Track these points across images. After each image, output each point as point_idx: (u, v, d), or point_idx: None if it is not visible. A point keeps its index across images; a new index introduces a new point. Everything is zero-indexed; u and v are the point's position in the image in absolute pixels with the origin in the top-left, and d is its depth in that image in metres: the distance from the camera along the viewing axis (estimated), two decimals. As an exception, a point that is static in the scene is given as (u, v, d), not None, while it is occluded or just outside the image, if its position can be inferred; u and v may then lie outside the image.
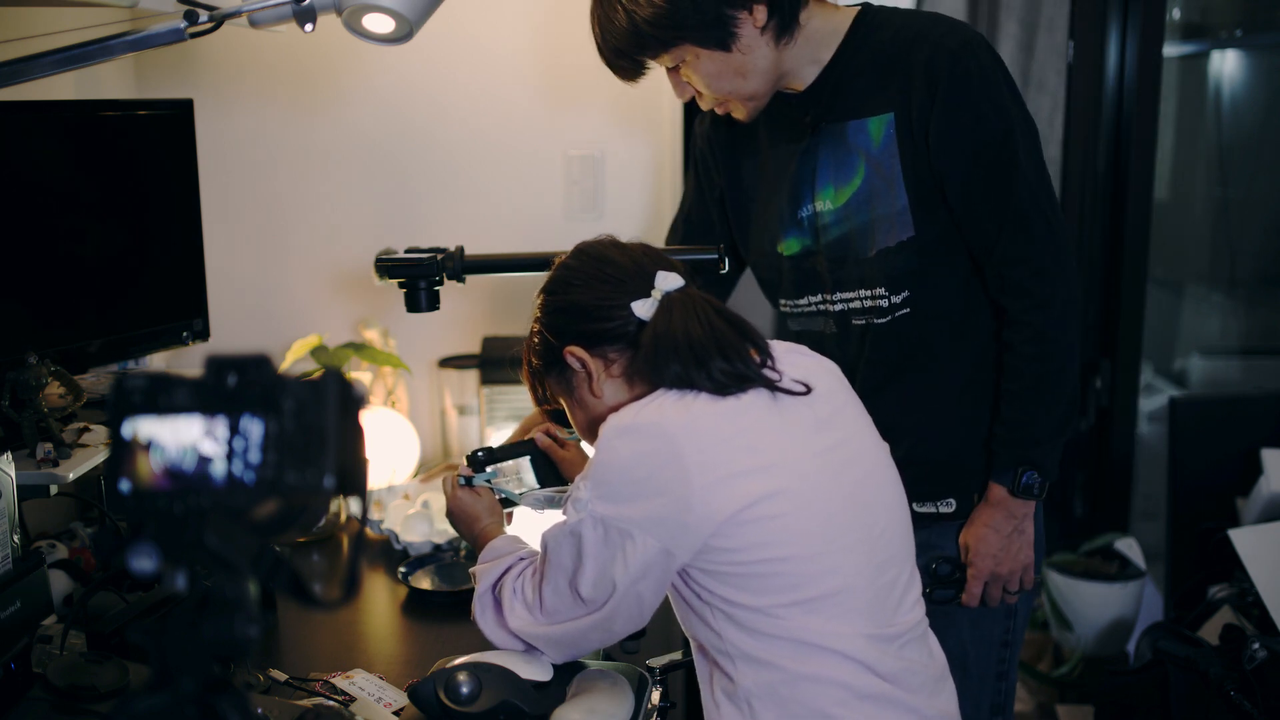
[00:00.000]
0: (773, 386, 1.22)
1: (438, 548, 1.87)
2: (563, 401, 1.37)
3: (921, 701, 1.23)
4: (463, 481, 1.50)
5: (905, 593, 1.27)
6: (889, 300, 1.53)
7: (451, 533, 1.85)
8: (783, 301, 1.67)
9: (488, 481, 1.51)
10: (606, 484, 1.18)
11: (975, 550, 1.55)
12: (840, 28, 1.53)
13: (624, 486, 1.18)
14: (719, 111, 1.58)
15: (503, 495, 1.51)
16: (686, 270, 1.32)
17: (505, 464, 1.56)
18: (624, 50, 1.49)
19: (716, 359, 1.20)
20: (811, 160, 1.56)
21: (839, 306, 1.58)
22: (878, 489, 1.28)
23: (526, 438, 1.62)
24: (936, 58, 1.45)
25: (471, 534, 1.46)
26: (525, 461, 1.59)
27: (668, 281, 1.28)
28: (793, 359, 1.31)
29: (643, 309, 1.27)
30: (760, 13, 1.45)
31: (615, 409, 1.23)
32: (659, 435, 1.17)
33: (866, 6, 1.56)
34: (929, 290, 1.52)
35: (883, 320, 1.54)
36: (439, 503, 1.98)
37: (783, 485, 1.18)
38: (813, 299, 1.62)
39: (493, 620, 1.31)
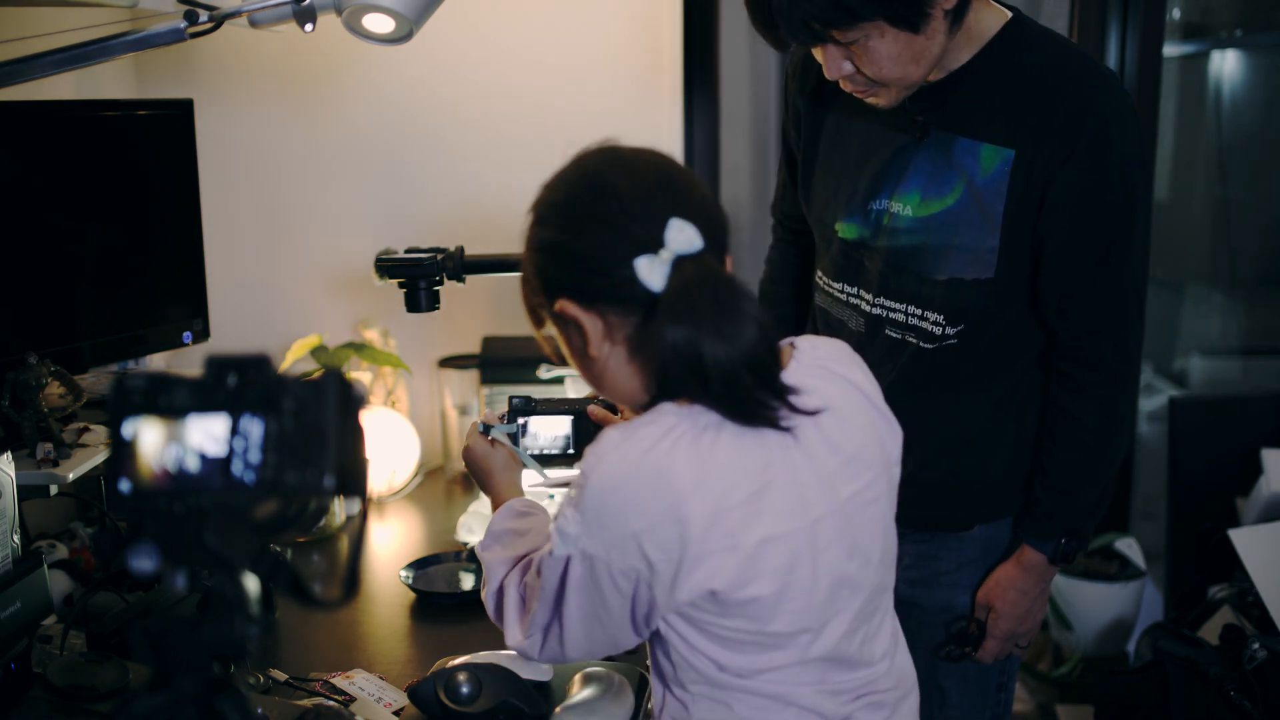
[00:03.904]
0: (798, 411, 1.01)
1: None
2: (563, 347, 1.13)
3: None
4: (482, 429, 1.34)
5: (879, 629, 1.15)
6: (943, 329, 1.46)
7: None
8: (819, 274, 1.60)
9: (511, 436, 1.36)
10: (600, 526, 1.00)
11: (1000, 612, 1.52)
12: (986, 32, 1.40)
13: (616, 533, 0.99)
14: (860, 96, 1.41)
15: (523, 453, 1.36)
16: (716, 212, 1.05)
17: (542, 419, 1.40)
18: (809, 20, 1.30)
19: (744, 377, 0.98)
20: (906, 159, 1.45)
21: (876, 310, 1.50)
22: (878, 538, 1.12)
23: (584, 397, 1.43)
24: (1085, 114, 1.35)
25: (485, 487, 1.34)
26: (566, 422, 1.41)
27: (682, 238, 1.00)
28: (817, 375, 1.09)
29: (649, 272, 0.99)
30: None
31: (622, 381, 1.07)
32: (664, 492, 0.97)
33: (1017, 17, 1.43)
34: (983, 329, 1.47)
35: (929, 345, 1.48)
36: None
37: (786, 562, 1.02)
38: (849, 290, 1.54)
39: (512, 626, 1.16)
